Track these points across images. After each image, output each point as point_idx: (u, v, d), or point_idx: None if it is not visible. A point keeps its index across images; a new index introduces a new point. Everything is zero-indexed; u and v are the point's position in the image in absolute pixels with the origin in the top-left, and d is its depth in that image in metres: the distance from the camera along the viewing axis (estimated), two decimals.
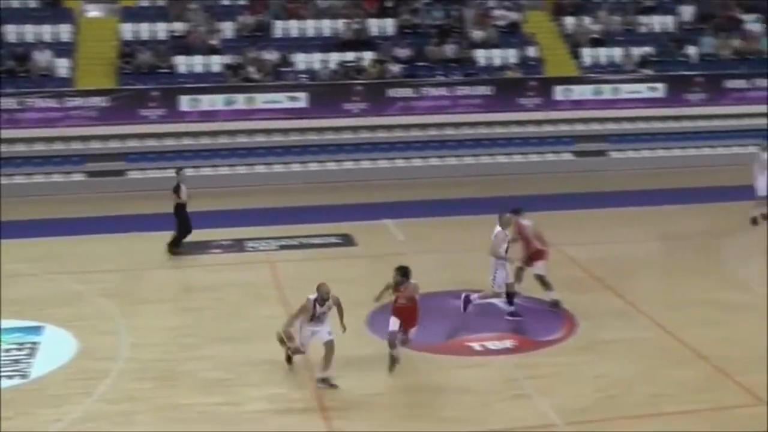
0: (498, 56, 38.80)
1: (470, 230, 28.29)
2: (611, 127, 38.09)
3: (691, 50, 40.21)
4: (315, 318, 17.57)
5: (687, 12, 42.08)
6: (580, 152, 37.51)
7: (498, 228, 20.90)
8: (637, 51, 39.54)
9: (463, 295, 21.32)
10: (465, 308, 21.04)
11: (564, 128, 37.78)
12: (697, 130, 38.51)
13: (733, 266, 25.02)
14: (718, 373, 18.39)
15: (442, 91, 36.83)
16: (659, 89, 38.24)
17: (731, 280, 23.86)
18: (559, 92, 37.65)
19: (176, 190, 26.17)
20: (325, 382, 17.56)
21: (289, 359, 18.43)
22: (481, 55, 38.67)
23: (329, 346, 17.58)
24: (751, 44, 40.65)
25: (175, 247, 26.29)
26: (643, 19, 41.66)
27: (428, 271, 24.27)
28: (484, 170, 36.04)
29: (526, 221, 21.69)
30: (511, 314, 21.13)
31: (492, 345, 19.74)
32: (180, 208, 26.26)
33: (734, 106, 38.74)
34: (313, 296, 17.56)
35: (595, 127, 37.93)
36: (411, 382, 17.93)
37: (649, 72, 38.67)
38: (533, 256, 21.63)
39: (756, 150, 29.30)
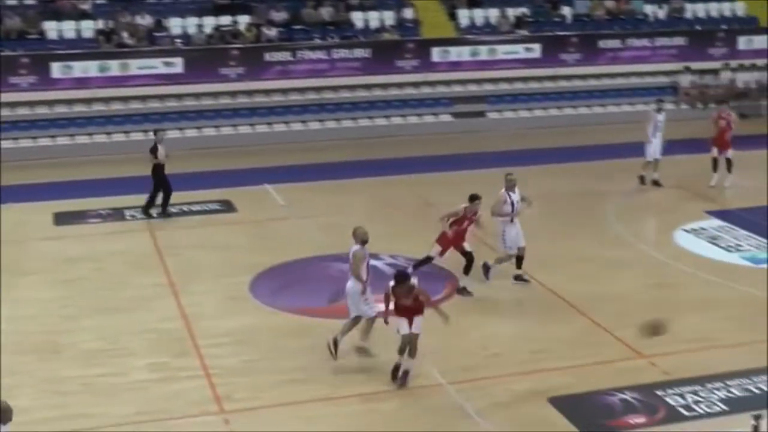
0: (375, 18, 38.73)
1: (351, 194, 28.37)
2: (489, 87, 38.30)
3: (566, 11, 40.67)
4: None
5: None
6: (459, 113, 37.66)
7: (502, 189, 20.95)
8: (513, 12, 39.80)
9: (482, 263, 21.22)
10: (487, 276, 21.13)
11: (442, 90, 37.89)
12: (572, 90, 39.02)
13: (611, 223, 25.45)
14: (598, 328, 18.78)
15: (319, 55, 36.61)
16: (535, 50, 38.56)
17: (610, 237, 24.30)
18: (436, 54, 37.68)
19: (153, 150, 25.94)
20: (363, 351, 17.14)
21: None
22: (358, 18, 38.56)
23: (372, 321, 17.04)
24: (623, 5, 41.24)
25: (161, 211, 26.16)
26: None
27: (309, 235, 24.35)
28: (364, 133, 36.02)
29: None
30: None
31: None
32: (158, 169, 25.98)
33: (608, 65, 39.34)
34: (355, 246, 16.89)
35: (473, 89, 38.12)
36: (295, 346, 17.91)
37: (524, 33, 38.98)
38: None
39: (649, 109, 29.69)
